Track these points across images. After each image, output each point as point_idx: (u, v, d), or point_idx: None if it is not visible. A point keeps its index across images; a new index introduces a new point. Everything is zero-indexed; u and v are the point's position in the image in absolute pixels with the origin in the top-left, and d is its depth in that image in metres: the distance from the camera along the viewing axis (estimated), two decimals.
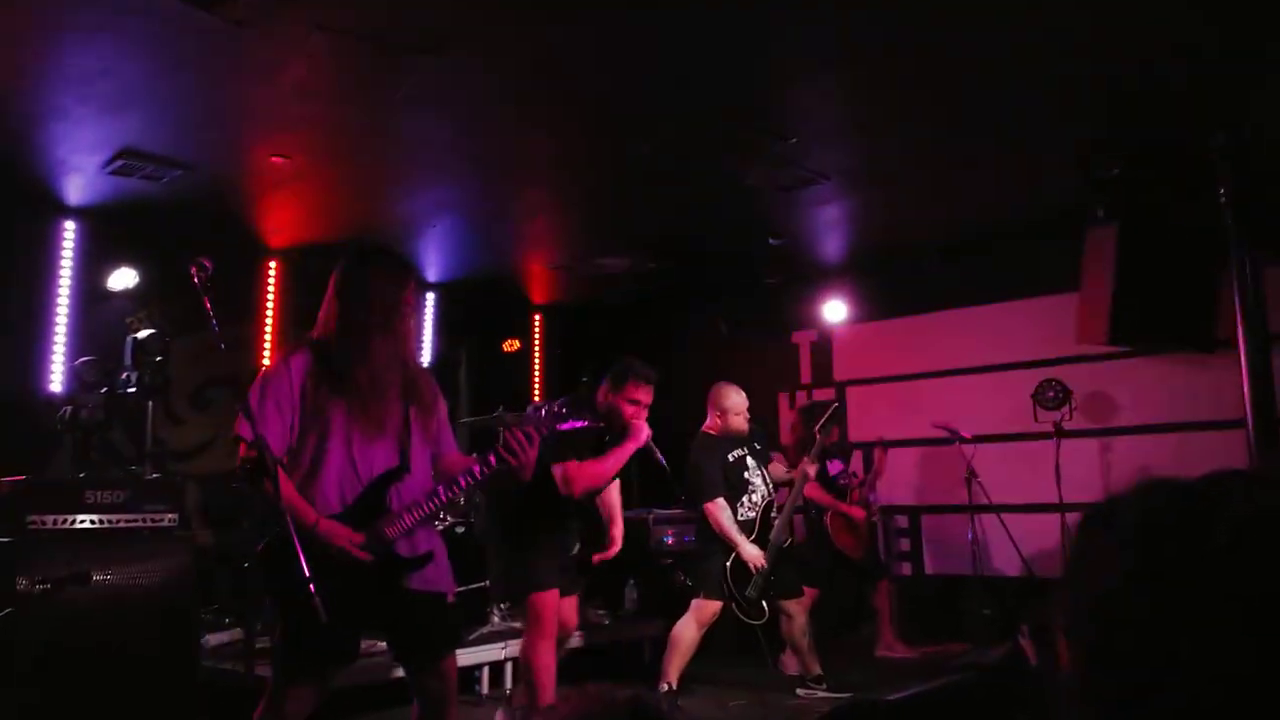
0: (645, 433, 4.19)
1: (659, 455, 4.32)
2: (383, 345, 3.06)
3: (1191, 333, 6.04)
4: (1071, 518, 6.40)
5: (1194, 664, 0.68)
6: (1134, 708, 0.70)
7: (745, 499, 5.39)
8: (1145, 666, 0.70)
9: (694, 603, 5.30)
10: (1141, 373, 6.79)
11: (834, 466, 6.53)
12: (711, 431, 5.55)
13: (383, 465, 3.03)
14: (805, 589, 5.69)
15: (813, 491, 6.23)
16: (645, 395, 4.30)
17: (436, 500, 3.06)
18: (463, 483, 3.08)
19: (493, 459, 3.02)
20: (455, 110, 4.86)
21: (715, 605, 5.26)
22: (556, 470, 3.98)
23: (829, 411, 6.23)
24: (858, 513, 6.35)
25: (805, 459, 5.75)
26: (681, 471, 5.12)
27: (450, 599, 3.19)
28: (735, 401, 5.55)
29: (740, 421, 5.53)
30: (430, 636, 3.10)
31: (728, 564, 5.17)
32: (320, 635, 2.67)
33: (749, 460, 5.51)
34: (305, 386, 3.03)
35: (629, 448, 4.13)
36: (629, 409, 4.23)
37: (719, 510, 5.24)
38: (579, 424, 3.38)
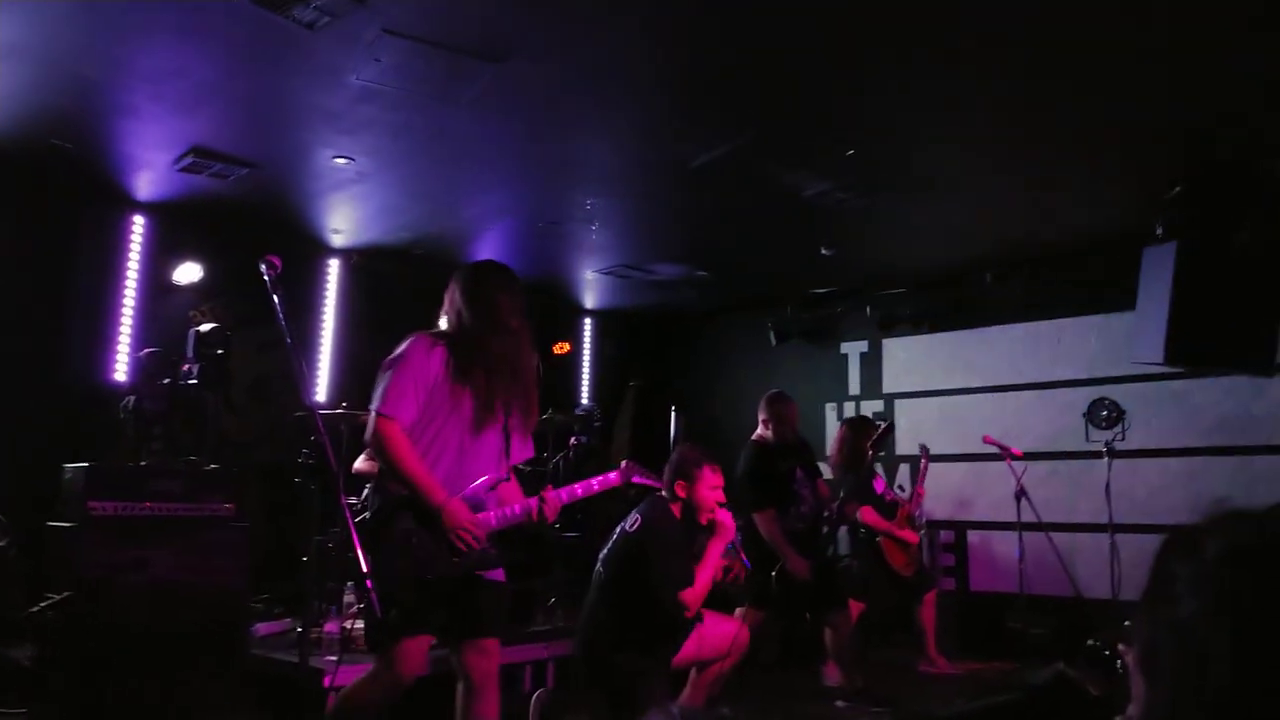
0: (731, 525, 4.16)
1: (743, 554, 4.30)
2: (502, 349, 3.25)
3: (1252, 355, 5.93)
4: (1122, 539, 6.30)
5: (1276, 693, 0.68)
6: None
7: (793, 509, 5.37)
8: (1227, 695, 0.70)
9: (739, 611, 5.30)
10: (1197, 394, 6.68)
11: (878, 484, 6.51)
12: (761, 441, 5.54)
13: (486, 462, 3.23)
14: (851, 602, 5.67)
15: (869, 517, 6.19)
16: (719, 476, 4.22)
17: (526, 517, 3.26)
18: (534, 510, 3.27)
19: (514, 509, 3.25)
20: (516, 116, 4.92)
21: (760, 614, 5.25)
22: (670, 604, 3.95)
23: (882, 429, 6.17)
24: (912, 537, 6.31)
25: (850, 504, 5.74)
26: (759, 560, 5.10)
27: (508, 593, 3.41)
28: (785, 411, 5.54)
29: (789, 430, 5.52)
30: (486, 617, 3.26)
31: (774, 574, 5.16)
32: (423, 602, 2.98)
33: (798, 472, 5.49)
34: (439, 377, 3.19)
35: (720, 545, 4.11)
36: (711, 496, 4.15)
37: (768, 520, 5.23)
38: (648, 481, 3.81)
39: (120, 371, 6.07)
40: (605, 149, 5.39)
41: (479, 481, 3.21)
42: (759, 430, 5.59)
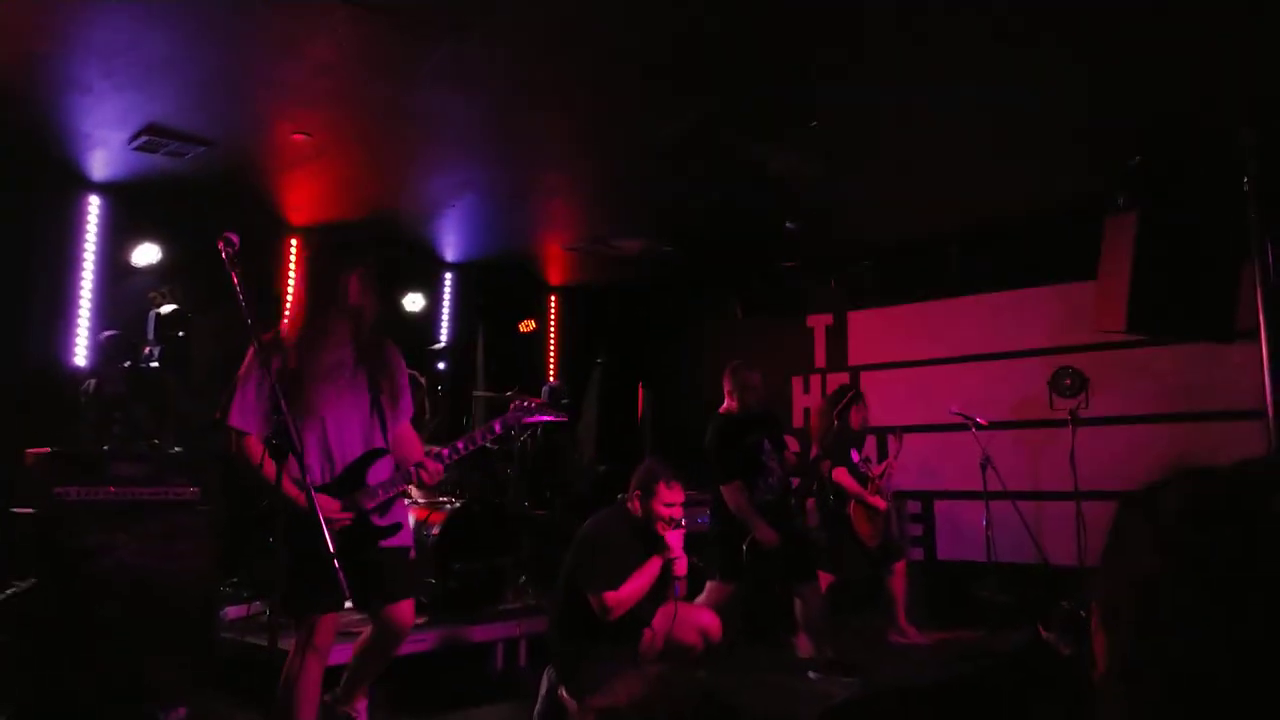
0: (674, 544, 4.19)
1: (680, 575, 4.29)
2: (340, 330, 3.39)
3: (1211, 322, 6.02)
4: (1087, 506, 6.41)
5: (1239, 651, 0.68)
6: (1178, 695, 0.70)
7: (761, 481, 5.40)
8: (1189, 654, 0.70)
9: (709, 584, 5.34)
10: (1158, 362, 6.77)
11: (855, 455, 6.55)
12: (727, 413, 5.56)
13: (356, 445, 3.44)
14: (820, 573, 5.72)
15: (842, 478, 6.24)
16: (678, 494, 4.26)
17: (403, 484, 3.54)
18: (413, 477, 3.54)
19: (424, 474, 3.52)
20: (477, 90, 4.86)
21: (729, 587, 5.29)
22: (593, 601, 4.01)
23: (846, 397, 6.24)
24: (880, 502, 6.36)
25: (825, 462, 5.80)
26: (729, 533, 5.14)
27: (411, 555, 3.64)
28: (750, 381, 5.56)
29: (756, 401, 5.54)
30: (392, 583, 3.52)
31: (744, 545, 5.19)
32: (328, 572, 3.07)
33: (765, 443, 5.52)
34: (278, 376, 3.26)
35: (658, 562, 4.15)
36: (665, 511, 4.19)
37: (736, 492, 5.26)
38: (542, 418, 4.06)
39: (80, 355, 5.96)
40: (566, 122, 5.34)
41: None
42: (725, 403, 5.61)
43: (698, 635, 4.29)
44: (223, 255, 3.11)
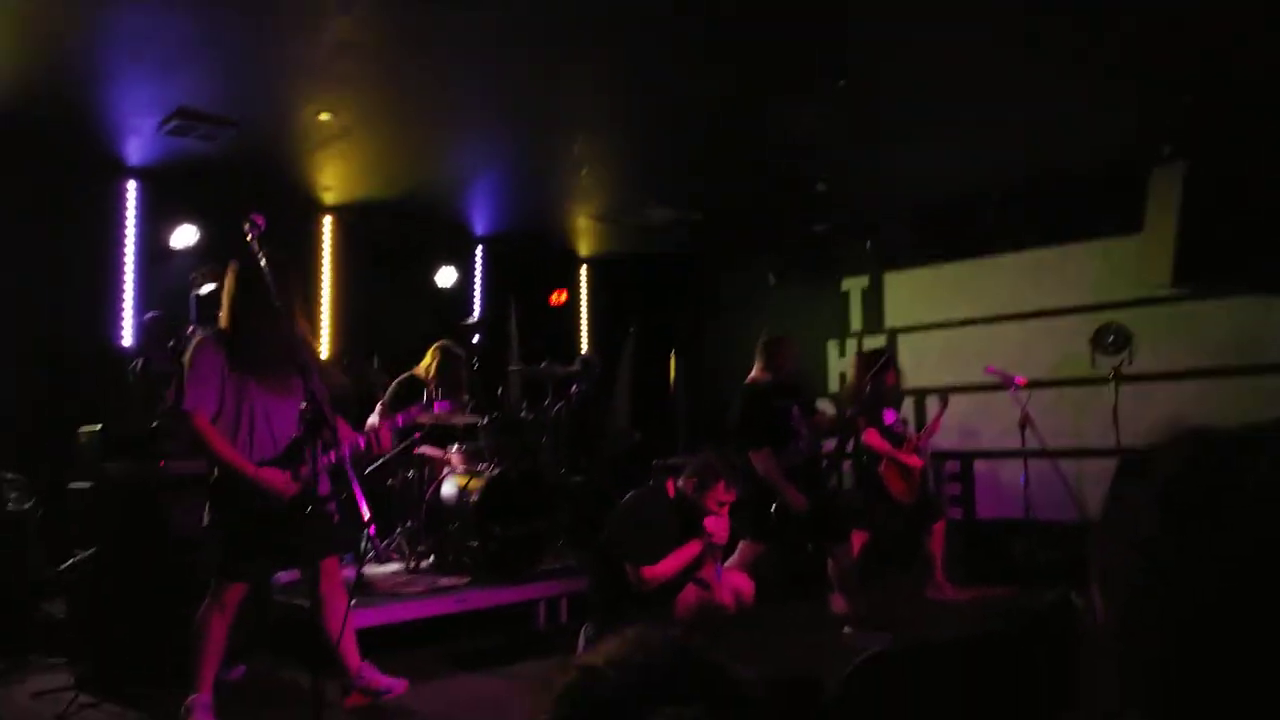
0: (719, 532, 4.32)
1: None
2: (274, 328, 3.52)
3: (1264, 274, 5.90)
4: None
5: (1229, 612, 0.69)
6: (1170, 655, 0.72)
7: (791, 447, 5.41)
8: (1179, 615, 0.71)
9: (740, 545, 5.38)
10: (1204, 316, 6.65)
11: (889, 416, 6.53)
12: (755, 381, 5.56)
13: (293, 425, 3.67)
14: (855, 533, 5.75)
15: (873, 439, 6.24)
16: (732, 495, 4.39)
17: (336, 458, 3.73)
18: (345, 453, 3.78)
19: (347, 449, 3.76)
20: (500, 60, 4.88)
21: (759, 547, 5.33)
22: (630, 573, 4.18)
23: (881, 360, 6.21)
24: (915, 461, 6.35)
25: (861, 419, 5.78)
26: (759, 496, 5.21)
27: (335, 519, 3.96)
28: (780, 353, 5.57)
29: (786, 372, 5.56)
30: (326, 542, 3.84)
31: (772, 508, 5.22)
32: (253, 551, 3.61)
33: (794, 409, 5.53)
34: (224, 369, 3.64)
35: (698, 545, 4.28)
36: (717, 509, 4.31)
37: (765, 459, 5.28)
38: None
39: (127, 336, 6.13)
40: (591, 90, 5.34)
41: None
42: (756, 370, 5.61)
43: (731, 597, 4.35)
44: (248, 237, 3.19)
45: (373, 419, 5.81)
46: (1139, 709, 0.74)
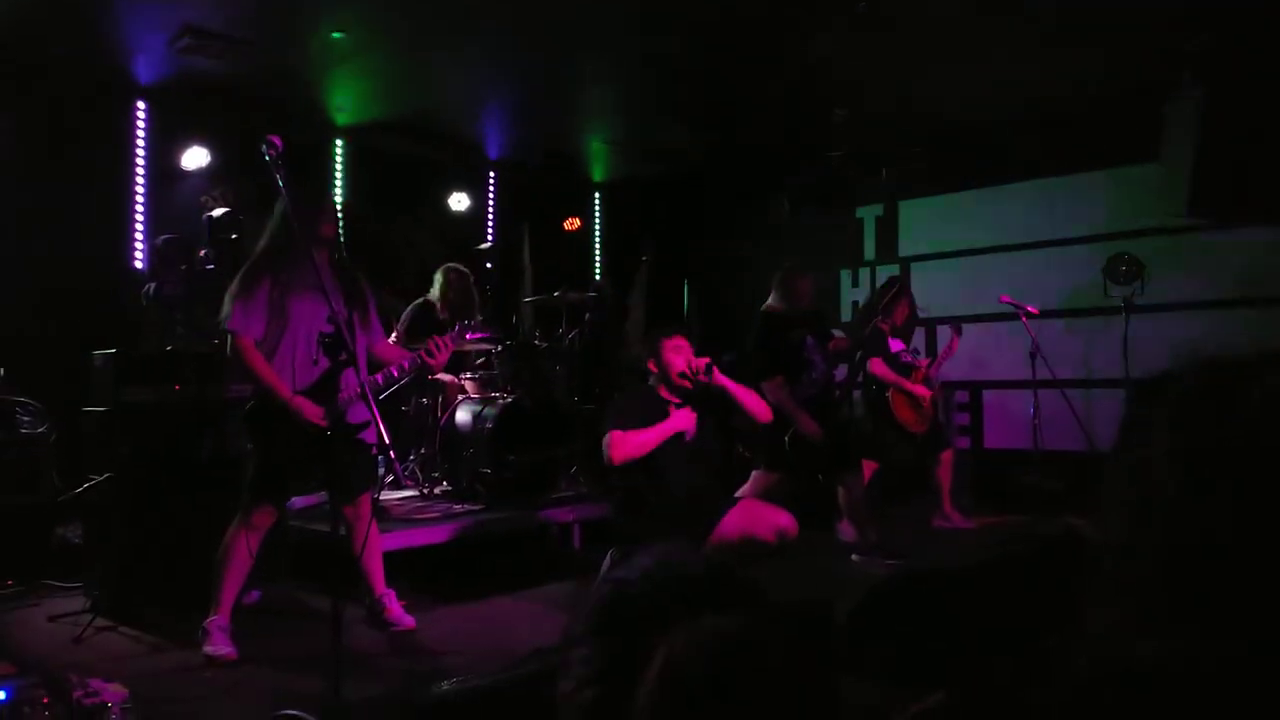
0: (687, 421, 4.21)
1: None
2: (316, 257, 3.53)
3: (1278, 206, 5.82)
4: None
5: (1237, 528, 0.69)
6: (1172, 573, 0.72)
7: (805, 376, 5.43)
8: (1187, 532, 0.72)
9: (753, 474, 5.43)
10: (1219, 247, 6.59)
11: (895, 344, 6.51)
12: (771, 310, 5.56)
13: (332, 355, 3.75)
14: (864, 461, 5.79)
15: (878, 368, 6.25)
16: (681, 341, 4.27)
17: (375, 383, 3.79)
18: (394, 373, 3.89)
19: (407, 362, 3.89)
20: None
21: (774, 476, 5.38)
22: (603, 444, 4.07)
23: (891, 290, 6.18)
24: (923, 390, 6.35)
25: (876, 321, 5.77)
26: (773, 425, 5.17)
27: (374, 451, 3.95)
28: (800, 284, 5.54)
29: (802, 303, 5.54)
30: (358, 476, 3.92)
31: (787, 437, 5.26)
32: (284, 474, 3.74)
33: (809, 339, 5.53)
34: (270, 292, 3.73)
35: (671, 425, 4.15)
36: (676, 358, 4.20)
37: (777, 387, 5.30)
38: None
39: (138, 259, 6.12)
40: (609, 6, 5.23)
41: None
42: (772, 300, 5.60)
43: (772, 533, 4.28)
44: (266, 158, 3.15)
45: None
46: (1146, 630, 0.74)
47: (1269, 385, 0.74)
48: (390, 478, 5.71)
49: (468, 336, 4.34)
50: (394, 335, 5.99)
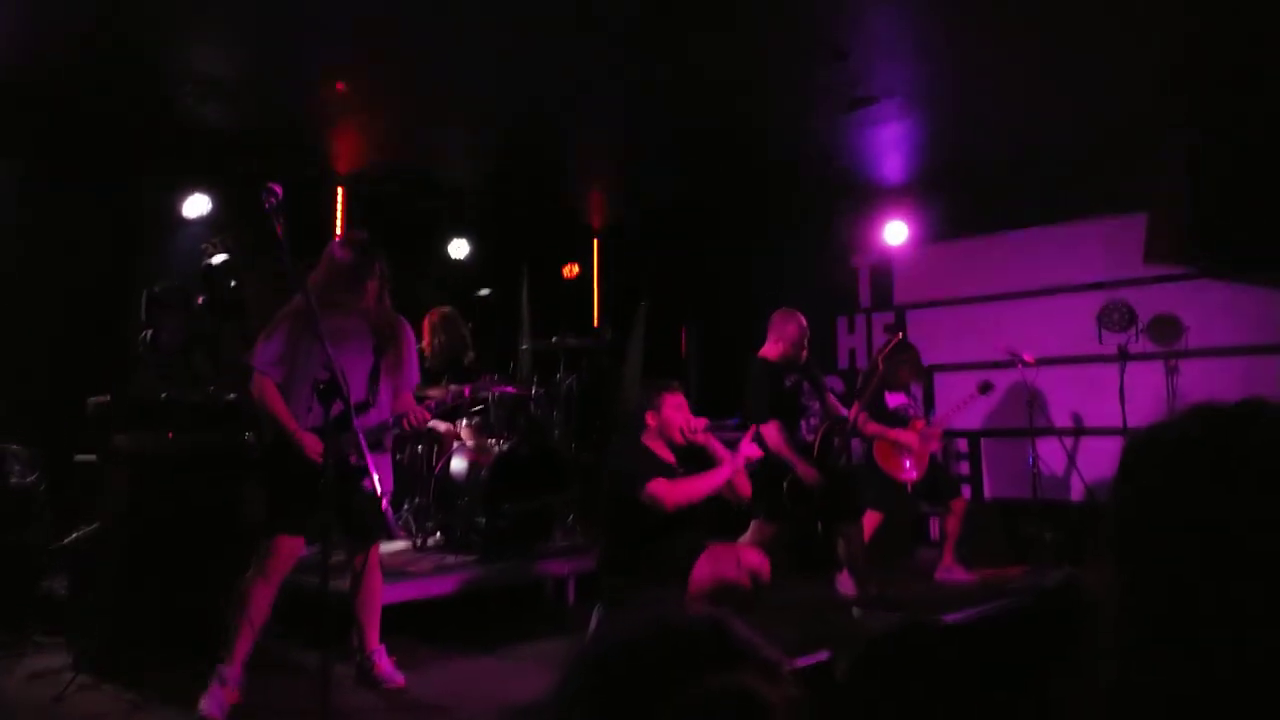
0: (738, 464, 4.28)
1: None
2: (347, 303, 3.84)
3: (1274, 248, 5.86)
4: None
5: (1233, 569, 0.70)
6: (1170, 624, 0.72)
7: (804, 423, 5.41)
8: (1185, 576, 0.72)
9: (753, 524, 5.39)
10: (1210, 295, 6.62)
11: (894, 399, 6.53)
12: (769, 357, 5.55)
13: (325, 401, 3.66)
14: (869, 512, 5.83)
15: (866, 425, 6.19)
16: (680, 398, 4.36)
17: (383, 432, 3.94)
18: (404, 426, 4.01)
19: (404, 424, 3.98)
20: (509, 33, 4.84)
21: (772, 528, 5.33)
22: (643, 497, 4.06)
23: (891, 342, 6.16)
24: (908, 438, 6.33)
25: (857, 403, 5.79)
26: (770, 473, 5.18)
27: (385, 502, 3.72)
28: (796, 332, 5.55)
29: (800, 349, 5.54)
30: (363, 525, 3.90)
31: (785, 484, 5.22)
32: (296, 511, 3.69)
33: (805, 385, 5.53)
34: (288, 336, 3.83)
35: (724, 472, 4.24)
36: (676, 416, 4.28)
37: (775, 432, 5.28)
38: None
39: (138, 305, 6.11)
40: (605, 75, 5.31)
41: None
42: (768, 345, 5.61)
43: (746, 575, 4.27)
44: (266, 206, 3.17)
45: None
46: (1141, 674, 0.74)
47: (1259, 437, 0.75)
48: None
49: (493, 390, 4.56)
50: None
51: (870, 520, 6.13)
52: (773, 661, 0.89)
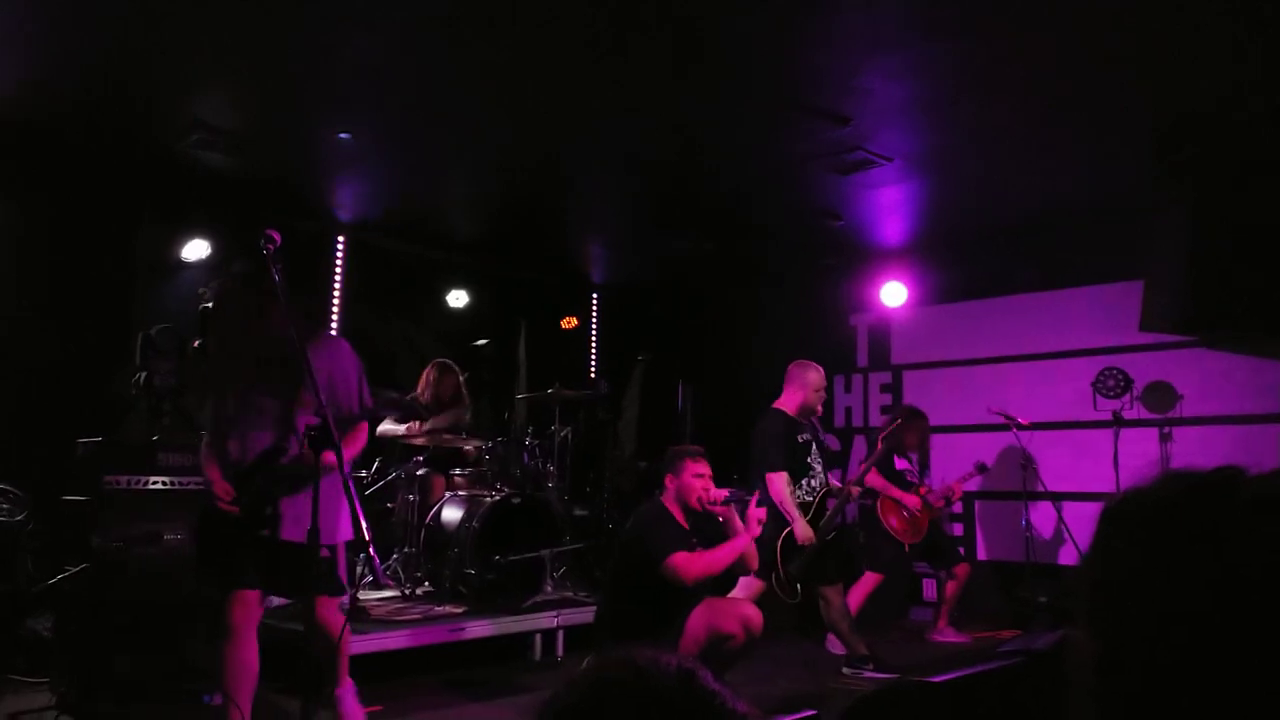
0: (754, 532, 4.29)
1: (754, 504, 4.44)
2: (252, 343, 3.53)
3: (1269, 318, 5.88)
4: None
5: (1209, 645, 0.69)
6: (1151, 689, 0.72)
7: (805, 482, 5.37)
8: (1160, 649, 0.71)
9: (741, 580, 5.34)
10: (1205, 363, 6.64)
11: (900, 463, 6.56)
12: (785, 410, 5.52)
13: (266, 438, 3.53)
14: (868, 573, 5.97)
15: (871, 478, 6.22)
16: (704, 466, 4.37)
17: (301, 469, 3.39)
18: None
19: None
20: (512, 91, 4.92)
21: (762, 583, 5.28)
22: (665, 570, 4.04)
23: (891, 425, 6.17)
24: (912, 500, 6.34)
25: (852, 483, 5.80)
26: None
27: (320, 551, 3.34)
28: (817, 379, 5.56)
29: (820, 399, 5.56)
30: (297, 577, 3.47)
31: (779, 541, 5.18)
32: (232, 567, 3.45)
33: (813, 445, 5.52)
34: (224, 379, 3.61)
35: (741, 542, 4.24)
36: (697, 484, 4.30)
37: (780, 481, 5.23)
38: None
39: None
40: (589, 122, 5.39)
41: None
42: (786, 398, 5.55)
43: (739, 626, 4.23)
44: (264, 252, 3.18)
45: (383, 427, 6.09)
46: None
47: (1237, 507, 0.74)
48: (370, 577, 5.61)
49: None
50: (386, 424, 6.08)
51: (870, 581, 6.13)
52: (739, 714, 0.88)
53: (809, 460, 5.45)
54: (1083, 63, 4.53)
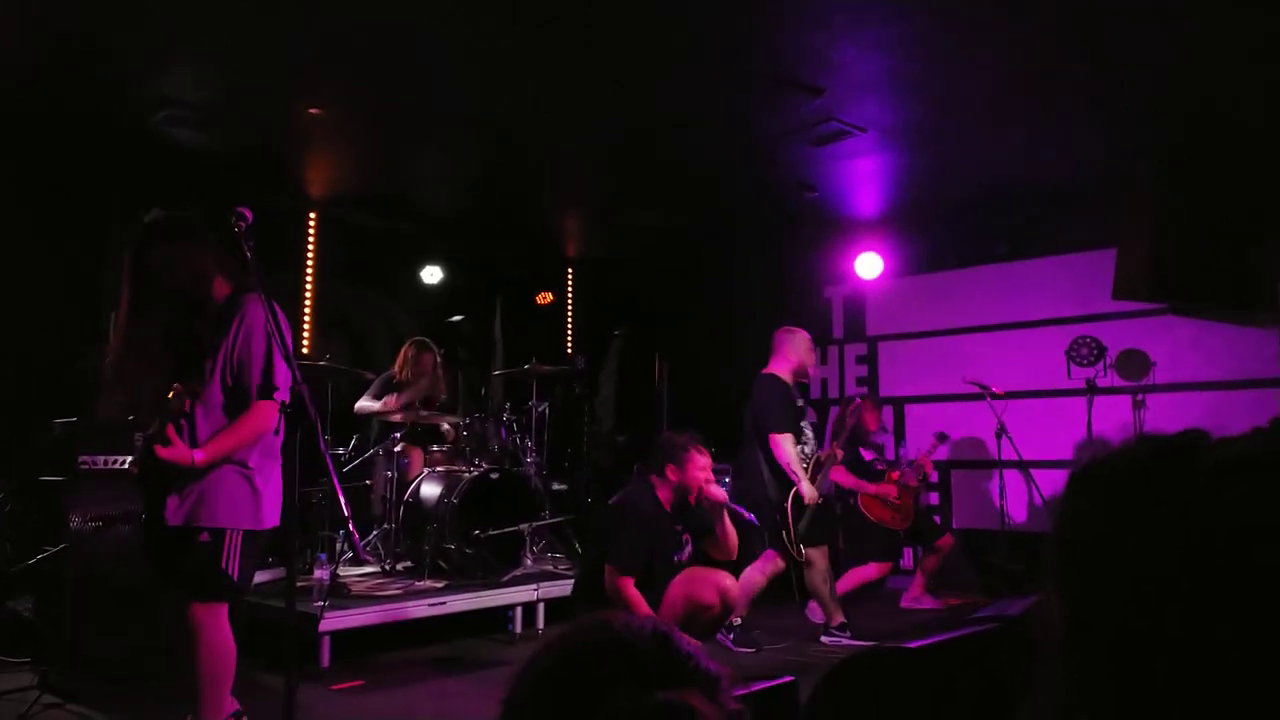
0: (721, 495, 4.37)
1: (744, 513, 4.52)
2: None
3: (1238, 289, 5.96)
4: None
5: (1174, 608, 0.70)
6: (1116, 655, 0.72)
7: (800, 448, 5.40)
8: (1125, 614, 0.72)
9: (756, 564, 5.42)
10: (1178, 331, 6.72)
11: (867, 454, 6.61)
12: (779, 374, 5.53)
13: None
14: (874, 564, 6.15)
15: (839, 476, 6.20)
16: (707, 458, 4.38)
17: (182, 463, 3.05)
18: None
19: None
20: (484, 65, 4.88)
21: (780, 563, 5.40)
22: (608, 571, 4.12)
23: (854, 402, 6.26)
24: (887, 490, 6.40)
25: (835, 443, 5.82)
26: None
27: (203, 537, 3.06)
28: (807, 338, 5.59)
29: (813, 358, 5.60)
30: (174, 571, 3.18)
31: (788, 503, 5.21)
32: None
33: (810, 412, 5.57)
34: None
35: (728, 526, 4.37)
36: (700, 476, 4.31)
37: (787, 442, 5.25)
38: None
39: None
40: (565, 95, 5.35)
41: None
42: (778, 364, 5.55)
43: (715, 595, 4.27)
44: (235, 230, 3.14)
45: (361, 402, 6.10)
46: (1088, 709, 0.74)
47: (1201, 470, 0.75)
48: (350, 554, 5.62)
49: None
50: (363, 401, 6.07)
51: (875, 570, 6.20)
52: (714, 675, 0.89)
53: (802, 425, 5.50)
54: (1055, 36, 4.54)
